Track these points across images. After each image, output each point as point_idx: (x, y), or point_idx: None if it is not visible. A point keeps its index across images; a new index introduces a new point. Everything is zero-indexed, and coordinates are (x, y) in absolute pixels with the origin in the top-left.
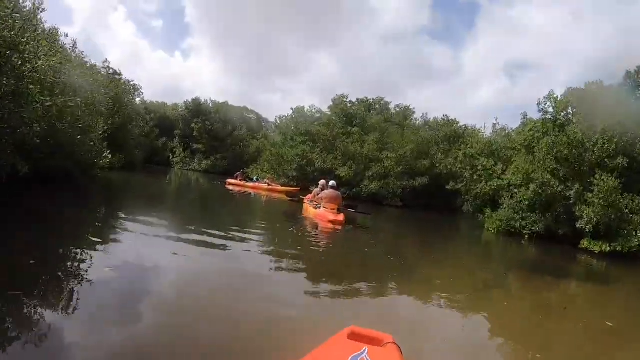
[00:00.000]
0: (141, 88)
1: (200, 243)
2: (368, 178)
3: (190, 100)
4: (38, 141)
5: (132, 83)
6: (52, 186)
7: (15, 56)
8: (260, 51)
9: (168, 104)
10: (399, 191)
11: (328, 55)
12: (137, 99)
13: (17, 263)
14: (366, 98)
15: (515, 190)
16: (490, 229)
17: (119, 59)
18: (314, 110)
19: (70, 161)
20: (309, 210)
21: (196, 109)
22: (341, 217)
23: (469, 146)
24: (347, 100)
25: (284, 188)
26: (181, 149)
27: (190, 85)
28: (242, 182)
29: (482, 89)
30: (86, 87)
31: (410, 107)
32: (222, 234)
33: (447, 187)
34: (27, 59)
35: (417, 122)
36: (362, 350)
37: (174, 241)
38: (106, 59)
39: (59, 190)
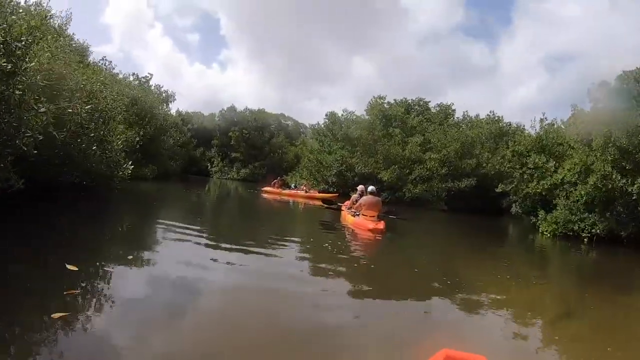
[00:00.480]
0: (174, 95)
1: (234, 255)
2: (411, 181)
3: (225, 109)
4: (35, 151)
5: (163, 90)
6: (65, 198)
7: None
8: (297, 59)
9: (205, 114)
10: (443, 194)
11: (365, 59)
12: (173, 110)
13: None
14: (405, 99)
15: (571, 189)
16: (546, 233)
17: (157, 73)
18: (347, 114)
19: (80, 173)
20: (347, 218)
21: (232, 117)
22: (381, 225)
23: (516, 143)
24: (385, 102)
25: (321, 195)
26: (219, 159)
27: (229, 96)
28: (279, 190)
29: (521, 84)
30: (98, 94)
31: (450, 106)
32: (257, 247)
33: (497, 189)
34: (16, 60)
35: (459, 120)
36: None
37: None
38: (136, 74)
39: (71, 203)
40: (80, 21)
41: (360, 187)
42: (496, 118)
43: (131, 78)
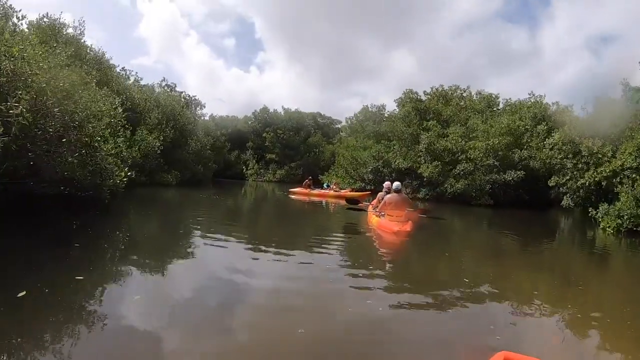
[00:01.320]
0: (201, 102)
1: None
2: (453, 176)
3: (258, 110)
4: None
5: (185, 95)
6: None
7: None
8: (335, 57)
9: (239, 117)
10: (487, 187)
11: (404, 53)
12: (206, 116)
13: None
14: (441, 87)
15: (634, 175)
16: (608, 229)
17: (195, 81)
18: (378, 108)
19: (52, 182)
20: (372, 219)
21: (266, 119)
22: (408, 226)
23: (566, 126)
24: (416, 94)
25: (352, 193)
26: (254, 161)
27: (269, 98)
28: (307, 190)
29: (564, 68)
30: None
31: (493, 95)
32: (265, 255)
33: (550, 183)
34: None
35: (502, 110)
36: None
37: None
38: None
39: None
40: (116, 36)
41: (386, 184)
42: (537, 99)
43: (156, 86)
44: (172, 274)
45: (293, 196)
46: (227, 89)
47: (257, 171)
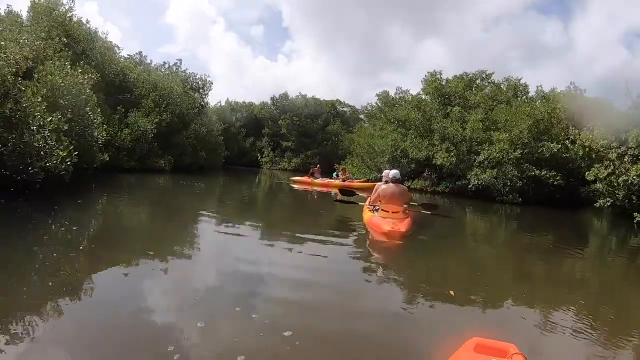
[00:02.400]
0: (210, 82)
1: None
2: (477, 166)
3: (277, 95)
4: None
5: (191, 74)
6: None
7: None
8: (364, 46)
9: (256, 103)
10: (517, 183)
11: (435, 43)
12: (222, 100)
13: None
14: (465, 73)
15: None
16: None
17: (223, 69)
18: (401, 93)
19: None
20: (365, 214)
21: (284, 105)
22: (403, 225)
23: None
24: (441, 78)
25: (360, 184)
26: (269, 148)
27: (295, 87)
28: (310, 179)
29: (598, 63)
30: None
31: (520, 81)
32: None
33: (587, 176)
34: None
35: (532, 98)
36: None
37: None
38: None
39: None
40: (142, 24)
41: (385, 172)
42: (578, 91)
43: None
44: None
45: (296, 186)
46: (253, 77)
47: (272, 159)
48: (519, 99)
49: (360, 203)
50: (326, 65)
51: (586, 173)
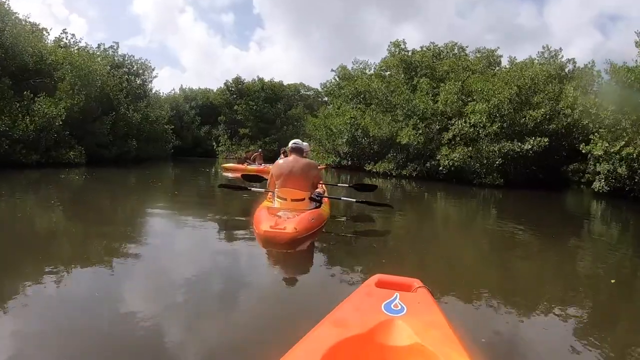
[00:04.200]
0: (152, 69)
1: None
2: (447, 143)
3: (231, 80)
4: None
5: (134, 59)
6: None
7: None
8: (339, 32)
9: (214, 90)
10: (496, 162)
11: (412, 28)
12: (175, 88)
13: None
14: (433, 44)
15: None
16: None
17: (194, 60)
18: (359, 65)
19: None
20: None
21: (240, 90)
22: (292, 224)
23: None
24: (405, 48)
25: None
26: (226, 136)
27: (268, 76)
28: (244, 166)
29: (572, 46)
30: None
31: (496, 52)
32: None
33: (583, 148)
34: None
35: (506, 69)
36: (393, 297)
37: None
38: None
39: None
40: (108, 13)
41: (287, 146)
42: (553, 53)
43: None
44: None
45: (229, 174)
46: (223, 67)
47: (229, 147)
48: (494, 69)
49: (253, 189)
50: (299, 53)
51: (582, 146)
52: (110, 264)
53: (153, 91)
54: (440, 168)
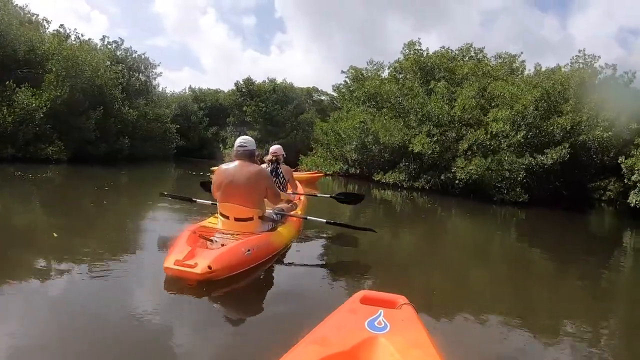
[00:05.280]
0: (155, 66)
1: None
2: (462, 154)
3: (241, 81)
4: None
5: (135, 54)
6: None
7: None
8: (360, 37)
9: (225, 91)
10: (520, 175)
11: (433, 36)
12: (185, 88)
13: None
14: (449, 48)
15: None
16: None
17: (213, 61)
18: (373, 66)
19: None
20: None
21: (250, 91)
22: (202, 263)
23: None
24: (420, 49)
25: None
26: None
27: (288, 79)
28: None
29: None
30: None
31: (518, 57)
32: None
33: (622, 162)
34: None
35: (530, 76)
36: (377, 314)
37: None
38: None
39: None
40: (131, 12)
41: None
42: (589, 59)
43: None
44: None
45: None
46: (244, 70)
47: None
48: (517, 76)
49: (199, 201)
50: (319, 57)
51: (622, 159)
52: None
53: (160, 89)
54: (457, 181)
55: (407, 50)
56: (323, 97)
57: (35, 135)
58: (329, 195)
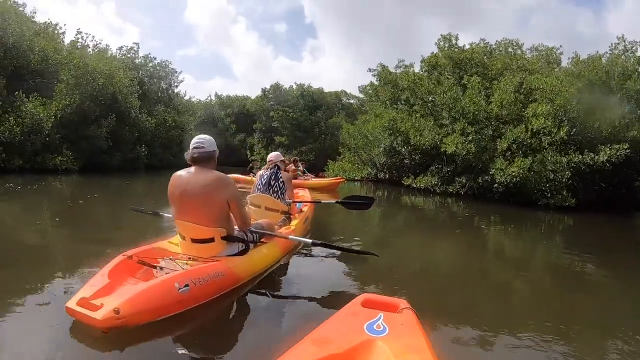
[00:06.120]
0: (175, 72)
1: None
2: (501, 154)
3: (268, 87)
4: None
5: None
6: None
7: None
8: (395, 40)
9: (252, 98)
10: (565, 175)
11: (470, 35)
12: (211, 95)
13: None
14: (483, 41)
15: None
16: None
17: (244, 69)
18: (402, 64)
19: None
20: None
21: (277, 96)
22: (108, 305)
23: None
24: (456, 44)
25: (319, 180)
26: (260, 145)
27: (320, 85)
28: (251, 177)
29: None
30: None
31: (556, 50)
32: None
33: None
34: None
35: (567, 69)
36: (377, 317)
37: None
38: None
39: None
40: (163, 23)
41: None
42: (631, 46)
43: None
44: None
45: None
46: (275, 77)
47: (264, 157)
48: (555, 69)
49: (166, 215)
50: (350, 62)
51: None
52: None
53: (186, 97)
54: (495, 185)
55: (441, 43)
56: (352, 101)
57: (44, 145)
58: (334, 201)
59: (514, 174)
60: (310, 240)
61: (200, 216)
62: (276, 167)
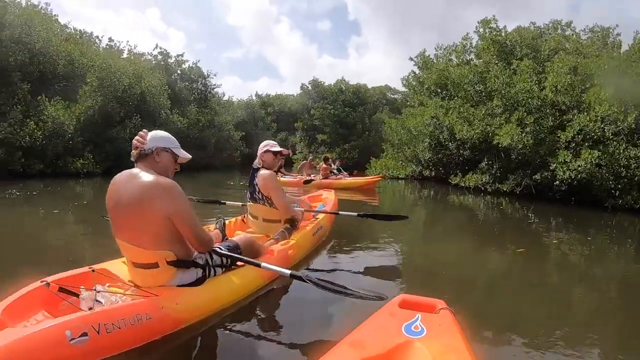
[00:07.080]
0: (212, 74)
1: None
2: (565, 146)
3: (307, 83)
4: None
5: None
6: None
7: None
8: (440, 33)
9: (294, 96)
10: (638, 172)
11: (519, 24)
12: (252, 95)
13: None
14: (533, 24)
15: None
16: None
17: (290, 68)
18: (445, 51)
19: None
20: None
21: (319, 93)
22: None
23: None
24: (497, 27)
25: (348, 180)
26: (303, 144)
27: (365, 81)
28: (300, 178)
29: None
30: None
31: (613, 30)
32: None
33: None
34: None
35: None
36: (415, 318)
37: None
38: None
39: None
40: (207, 26)
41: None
42: None
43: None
44: None
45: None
46: (321, 75)
47: (306, 156)
48: (612, 49)
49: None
50: (396, 57)
51: None
52: None
53: (225, 97)
54: (556, 182)
55: (481, 30)
56: (396, 96)
57: (65, 149)
58: (355, 214)
59: (580, 168)
60: (288, 272)
61: (137, 235)
62: (253, 169)
